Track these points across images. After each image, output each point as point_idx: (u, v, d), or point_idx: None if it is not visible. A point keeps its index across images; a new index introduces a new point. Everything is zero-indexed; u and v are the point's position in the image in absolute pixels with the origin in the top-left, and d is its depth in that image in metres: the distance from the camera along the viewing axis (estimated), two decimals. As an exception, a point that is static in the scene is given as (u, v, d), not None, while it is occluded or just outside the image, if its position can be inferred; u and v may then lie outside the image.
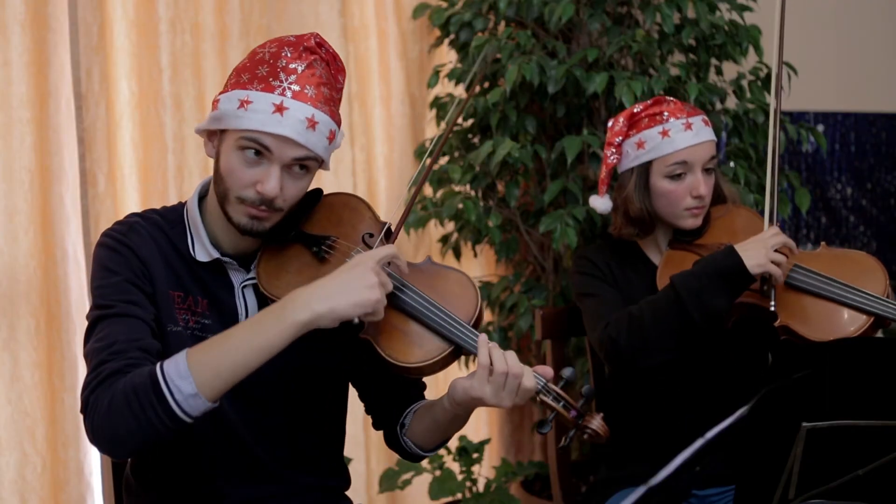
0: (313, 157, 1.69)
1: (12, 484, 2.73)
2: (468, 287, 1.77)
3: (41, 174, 2.77)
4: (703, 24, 2.97)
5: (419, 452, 1.88)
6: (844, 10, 3.97)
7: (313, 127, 1.66)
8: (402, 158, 3.45)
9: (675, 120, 2.24)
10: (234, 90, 1.68)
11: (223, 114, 1.68)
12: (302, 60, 1.68)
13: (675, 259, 2.27)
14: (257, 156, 1.66)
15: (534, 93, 3.01)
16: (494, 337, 3.21)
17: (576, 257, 2.37)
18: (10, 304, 2.73)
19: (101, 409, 1.53)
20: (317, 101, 1.67)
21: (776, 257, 2.08)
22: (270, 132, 1.64)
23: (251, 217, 1.69)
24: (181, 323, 1.73)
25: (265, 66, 1.68)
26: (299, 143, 1.65)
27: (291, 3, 3.24)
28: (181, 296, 1.74)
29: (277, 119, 1.64)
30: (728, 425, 1.39)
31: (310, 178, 1.73)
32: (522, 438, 3.69)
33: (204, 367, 1.53)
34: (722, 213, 2.33)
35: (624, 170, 2.31)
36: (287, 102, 1.64)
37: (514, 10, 3.09)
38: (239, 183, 1.67)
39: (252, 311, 1.76)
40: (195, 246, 1.76)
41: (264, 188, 1.66)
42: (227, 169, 1.68)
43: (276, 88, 1.65)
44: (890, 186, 4.06)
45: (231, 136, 1.68)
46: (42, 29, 2.76)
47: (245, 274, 1.78)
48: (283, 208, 1.70)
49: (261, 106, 1.64)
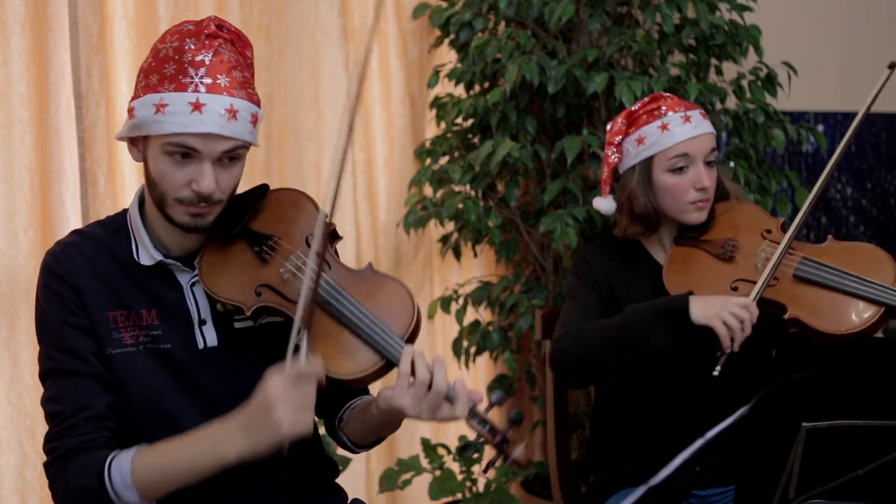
0: (241, 145, 1.68)
1: (12, 484, 2.73)
2: (405, 299, 1.72)
3: (41, 174, 2.77)
4: (703, 24, 2.97)
5: (353, 448, 1.88)
6: (844, 10, 3.97)
7: (234, 116, 1.64)
8: (402, 158, 3.45)
9: (673, 113, 2.25)
10: (147, 95, 1.65)
11: (141, 121, 1.65)
12: (207, 49, 1.65)
13: (681, 255, 2.27)
14: (185, 157, 1.65)
15: (534, 93, 3.01)
16: (494, 337, 3.21)
17: (575, 255, 2.37)
18: (10, 304, 2.73)
19: (59, 493, 1.66)
20: (232, 88, 1.65)
21: (728, 318, 2.04)
22: (193, 132, 1.62)
23: (192, 215, 1.69)
24: (130, 340, 1.71)
25: (171, 64, 1.64)
26: (224, 135, 1.64)
27: (291, 3, 3.24)
28: (124, 314, 1.72)
29: (197, 117, 1.62)
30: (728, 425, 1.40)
31: (241, 164, 1.72)
32: (522, 438, 3.69)
33: (145, 483, 1.62)
34: (726, 208, 2.32)
35: (626, 168, 2.31)
36: (203, 98, 1.62)
37: (514, 10, 3.08)
38: (173, 186, 1.66)
39: (203, 308, 1.76)
40: (139, 251, 1.75)
41: (200, 187, 1.65)
42: (159, 175, 1.67)
43: (189, 85, 1.63)
44: (890, 186, 4.06)
45: (155, 142, 1.66)
46: (42, 29, 2.76)
47: (192, 272, 1.76)
48: (223, 199, 1.70)
49: (177, 107, 1.62)
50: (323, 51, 3.30)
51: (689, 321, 2.07)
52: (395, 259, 3.47)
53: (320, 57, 3.30)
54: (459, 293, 3.34)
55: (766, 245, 2.23)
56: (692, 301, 2.08)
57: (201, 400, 1.72)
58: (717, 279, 2.21)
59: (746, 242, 2.25)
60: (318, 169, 3.30)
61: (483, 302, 3.26)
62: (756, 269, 2.20)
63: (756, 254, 2.22)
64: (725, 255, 2.24)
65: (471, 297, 3.28)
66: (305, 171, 3.28)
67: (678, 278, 2.23)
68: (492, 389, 3.38)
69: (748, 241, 2.25)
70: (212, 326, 1.76)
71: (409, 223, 3.18)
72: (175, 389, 1.73)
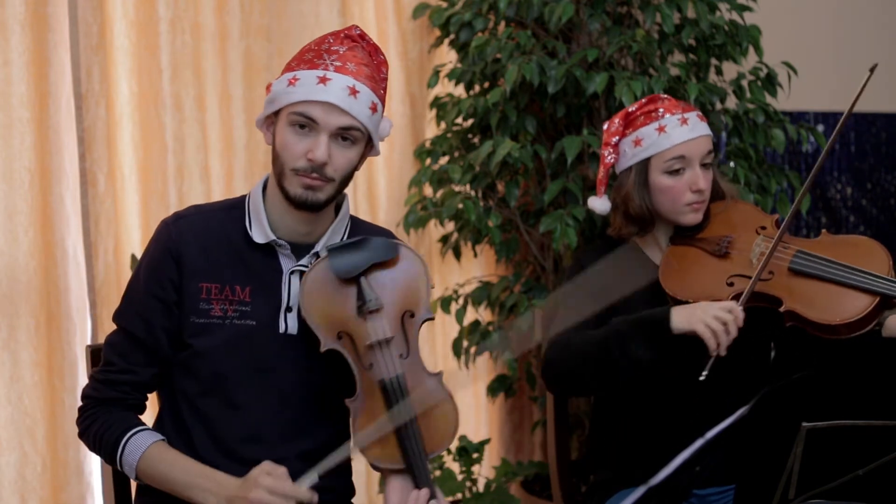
0: (357, 126, 1.81)
1: (12, 484, 2.73)
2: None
3: (41, 174, 2.77)
4: (703, 24, 2.97)
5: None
6: (844, 10, 3.97)
7: (355, 95, 1.79)
8: (402, 158, 3.44)
9: (670, 116, 2.25)
10: (284, 74, 1.83)
11: (275, 94, 1.83)
12: (344, 44, 1.84)
13: (677, 254, 2.27)
14: (305, 128, 1.79)
15: (534, 93, 3.01)
16: (494, 337, 3.21)
17: (572, 258, 2.38)
18: (10, 304, 2.73)
19: (82, 432, 1.89)
20: (358, 74, 1.81)
21: (711, 322, 2.04)
22: (315, 100, 1.78)
23: (305, 187, 1.80)
24: (218, 313, 1.84)
25: (311, 53, 1.84)
26: (342, 108, 1.78)
27: (291, 3, 3.23)
28: (218, 287, 1.85)
29: (322, 88, 1.78)
30: (728, 425, 1.40)
31: (357, 149, 1.84)
32: (522, 438, 3.68)
33: (145, 473, 1.83)
34: (721, 208, 2.33)
35: (622, 169, 2.31)
36: (330, 75, 1.79)
37: (514, 10, 3.08)
38: (292, 155, 1.80)
39: (294, 296, 1.86)
40: (253, 227, 1.87)
41: (314, 154, 1.78)
42: (282, 144, 1.81)
43: (320, 65, 1.81)
44: (890, 186, 4.06)
45: (283, 115, 1.82)
46: (42, 29, 2.76)
47: (295, 261, 1.87)
48: (335, 178, 1.82)
49: (307, 80, 1.79)
50: (323, 51, 3.30)
51: (670, 331, 2.07)
52: (395, 259, 3.46)
53: (320, 57, 3.30)
54: (459, 293, 3.33)
55: (761, 240, 2.24)
56: (674, 311, 2.09)
57: (267, 382, 1.85)
58: (712, 275, 2.22)
59: (741, 239, 2.26)
60: (318, 169, 3.30)
61: (483, 302, 3.26)
62: (751, 263, 2.21)
63: (751, 249, 2.23)
64: (720, 251, 2.25)
65: (471, 297, 3.28)
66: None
67: (674, 277, 2.23)
68: (492, 389, 3.38)
69: (743, 237, 2.26)
70: (296, 315, 1.86)
71: (409, 223, 3.18)
72: (246, 366, 1.84)
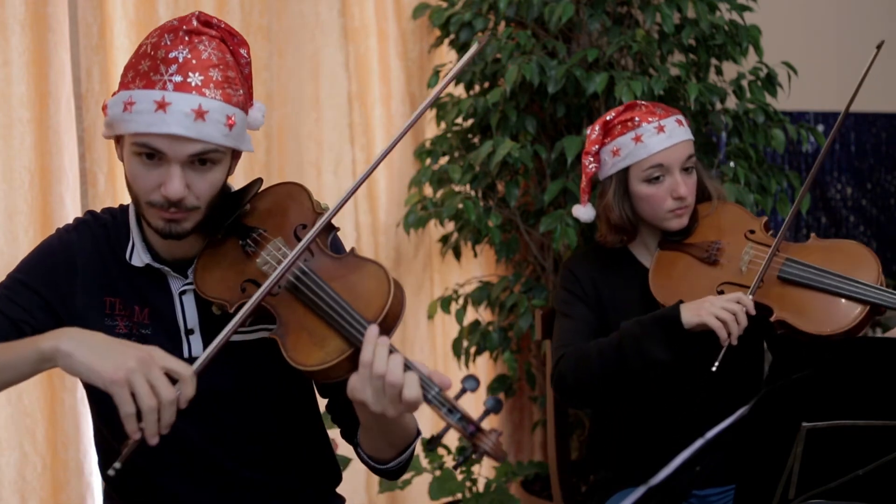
0: (212, 149, 1.57)
1: (12, 484, 2.73)
2: (381, 281, 1.57)
3: (41, 174, 2.77)
4: (703, 24, 2.97)
5: (374, 465, 1.72)
6: (845, 10, 3.98)
7: (202, 117, 1.54)
8: (402, 158, 3.45)
9: (646, 124, 2.24)
10: (120, 92, 1.58)
11: (112, 119, 1.59)
12: (184, 45, 1.56)
13: (667, 260, 2.27)
14: (152, 158, 1.56)
15: (534, 93, 3.01)
16: (494, 337, 3.21)
17: (562, 268, 2.38)
18: (10, 304, 2.72)
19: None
20: (204, 87, 1.55)
21: (720, 312, 2.04)
22: (156, 132, 1.53)
23: (166, 220, 1.60)
24: (123, 329, 1.67)
25: (147, 61, 1.56)
26: (190, 137, 1.54)
27: (291, 3, 3.24)
28: (121, 301, 1.69)
29: (160, 117, 1.52)
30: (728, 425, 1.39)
31: (221, 168, 1.61)
32: (522, 438, 3.69)
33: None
34: (709, 210, 2.33)
35: (604, 177, 2.32)
36: (169, 97, 1.53)
37: (514, 10, 3.09)
38: (144, 188, 1.59)
39: (190, 317, 1.69)
40: (132, 250, 1.70)
41: (167, 190, 1.56)
42: (131, 175, 1.60)
43: (157, 83, 1.54)
44: (890, 186, 4.06)
45: (126, 142, 1.59)
46: (42, 29, 2.76)
47: (183, 280, 1.70)
48: (200, 206, 1.60)
49: (143, 106, 1.54)
50: (323, 51, 3.30)
51: (682, 328, 2.08)
52: (395, 259, 3.47)
53: (320, 57, 3.30)
54: (459, 293, 3.34)
55: (750, 247, 2.24)
56: (683, 308, 2.09)
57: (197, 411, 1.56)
58: (702, 283, 2.22)
59: (730, 245, 2.26)
60: (318, 168, 3.30)
61: (483, 302, 3.26)
62: (741, 271, 2.21)
63: (740, 256, 2.23)
64: (710, 258, 2.25)
65: (471, 297, 3.28)
66: (305, 170, 3.28)
67: (664, 284, 2.23)
68: (492, 389, 3.38)
69: (732, 243, 2.26)
70: (199, 336, 1.70)
71: (409, 223, 3.18)
72: None
